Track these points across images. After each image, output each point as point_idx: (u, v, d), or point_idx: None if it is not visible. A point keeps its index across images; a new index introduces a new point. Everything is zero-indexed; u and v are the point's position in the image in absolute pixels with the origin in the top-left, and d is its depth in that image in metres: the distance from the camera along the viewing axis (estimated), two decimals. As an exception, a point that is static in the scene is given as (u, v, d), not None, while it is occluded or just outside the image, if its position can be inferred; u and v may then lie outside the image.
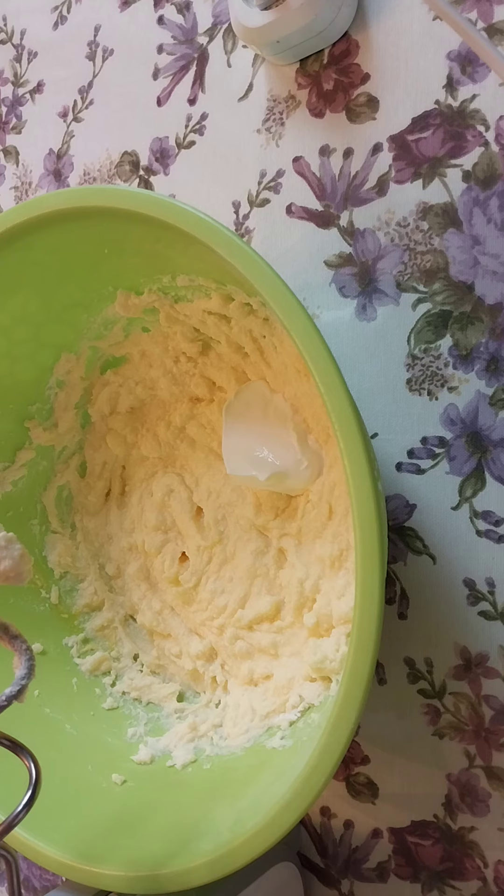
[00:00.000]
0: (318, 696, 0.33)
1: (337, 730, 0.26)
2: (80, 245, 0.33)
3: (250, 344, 0.36)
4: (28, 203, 0.32)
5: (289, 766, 0.29)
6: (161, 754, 0.37)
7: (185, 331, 0.38)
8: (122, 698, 0.41)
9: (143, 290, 0.37)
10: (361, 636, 0.25)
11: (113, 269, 0.35)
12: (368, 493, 0.25)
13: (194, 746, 0.37)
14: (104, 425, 0.43)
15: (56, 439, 0.43)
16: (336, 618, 0.33)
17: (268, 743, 0.34)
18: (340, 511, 0.35)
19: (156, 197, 0.29)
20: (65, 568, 0.43)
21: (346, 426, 0.25)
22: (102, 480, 0.44)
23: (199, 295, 0.36)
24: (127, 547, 0.43)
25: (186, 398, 0.41)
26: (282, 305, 0.26)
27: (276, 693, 0.36)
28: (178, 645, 0.41)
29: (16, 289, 0.36)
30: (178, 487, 0.41)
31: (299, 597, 0.36)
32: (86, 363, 0.41)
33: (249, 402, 0.37)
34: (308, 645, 0.35)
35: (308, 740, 0.31)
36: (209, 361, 0.39)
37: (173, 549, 0.41)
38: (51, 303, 0.37)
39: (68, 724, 0.39)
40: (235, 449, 0.37)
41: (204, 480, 0.40)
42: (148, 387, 0.42)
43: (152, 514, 0.42)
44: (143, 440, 0.43)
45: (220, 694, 0.39)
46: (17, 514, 0.42)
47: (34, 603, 0.42)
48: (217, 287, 0.34)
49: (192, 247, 0.28)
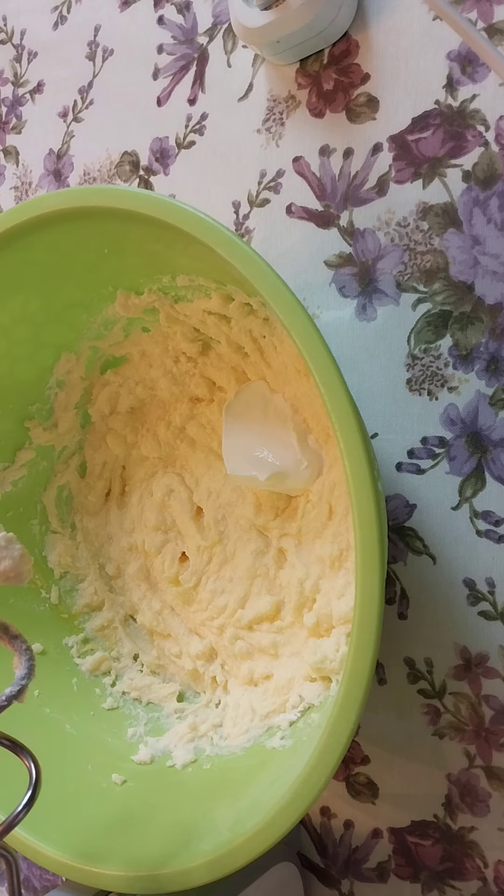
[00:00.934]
0: (318, 696, 0.33)
1: (337, 730, 0.26)
2: (80, 245, 0.33)
3: (250, 344, 0.36)
4: (28, 203, 0.32)
5: (289, 766, 0.29)
6: (161, 754, 0.37)
7: (185, 331, 0.38)
8: (122, 698, 0.41)
9: (143, 290, 0.37)
10: (361, 636, 0.25)
11: (113, 269, 0.35)
12: (368, 493, 0.25)
13: (194, 746, 0.37)
14: (104, 425, 0.43)
15: (56, 439, 0.43)
16: (336, 618, 0.33)
17: (268, 743, 0.34)
18: (340, 511, 0.35)
19: (156, 197, 0.29)
20: (65, 568, 0.43)
21: (346, 426, 0.25)
22: (102, 480, 0.44)
23: (199, 295, 0.36)
24: (127, 547, 0.43)
25: (186, 398, 0.41)
26: (282, 305, 0.26)
27: (276, 693, 0.36)
28: (178, 645, 0.41)
29: (16, 289, 0.36)
30: (178, 487, 0.41)
31: (299, 597, 0.36)
32: (86, 363, 0.41)
33: (249, 402, 0.37)
34: (308, 645, 0.35)
35: (308, 740, 0.31)
36: (209, 361, 0.39)
37: (173, 549, 0.41)
38: (51, 303, 0.37)
39: (68, 724, 0.39)
40: (235, 449, 0.37)
41: (204, 480, 0.40)
42: (148, 387, 0.42)
43: (152, 514, 0.42)
44: (143, 440, 0.43)
45: (221, 694, 0.39)
46: (17, 514, 0.42)
47: (34, 603, 0.42)
48: (217, 287, 0.34)
49: (192, 247, 0.28)
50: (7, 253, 0.34)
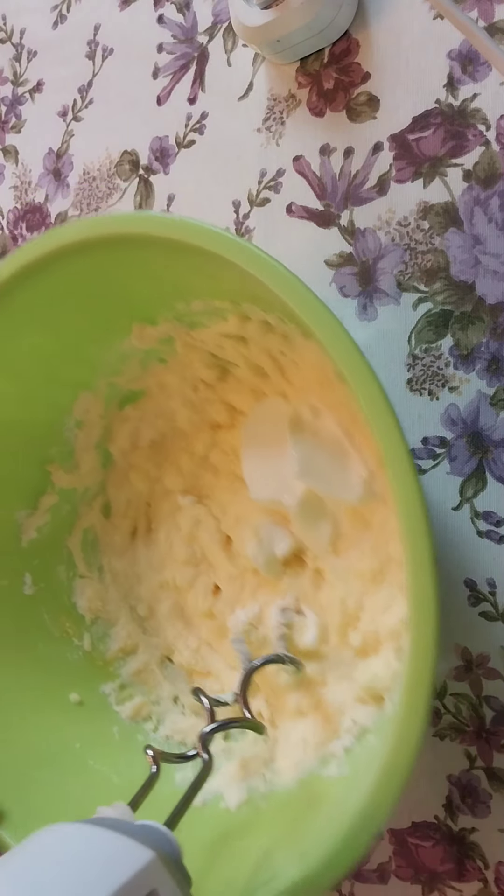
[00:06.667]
0: (372, 718, 0.32)
1: (398, 753, 0.24)
2: (91, 279, 0.32)
3: (269, 363, 0.35)
4: (32, 243, 0.31)
5: (349, 795, 0.28)
6: (212, 797, 0.35)
7: (202, 357, 0.37)
8: (167, 743, 0.39)
9: (157, 320, 0.36)
10: (418, 655, 0.24)
11: (126, 301, 0.34)
12: (417, 507, 0.24)
13: (247, 785, 0.35)
14: (126, 462, 0.42)
15: (78, 481, 0.41)
16: (384, 634, 0.32)
17: (323, 773, 0.32)
18: (377, 522, 0.33)
19: (168, 217, 0.28)
20: (95, 613, 0.42)
21: (396, 458, 0.24)
22: (128, 519, 0.43)
23: (215, 319, 0.34)
24: (157, 585, 0.42)
25: (207, 426, 0.40)
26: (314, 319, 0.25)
27: (327, 720, 0.34)
28: (218, 682, 0.39)
29: (30, 328, 0.35)
30: (206, 518, 0.39)
31: (342, 616, 0.34)
32: (104, 400, 0.40)
33: (265, 421, 0.36)
34: (356, 666, 0.34)
35: (367, 765, 0.29)
36: (228, 386, 0.38)
37: (205, 582, 0.40)
38: (65, 341, 0.36)
39: (115, 776, 0.37)
40: (258, 472, 0.36)
41: (231, 507, 0.39)
42: (168, 418, 0.41)
43: (181, 548, 0.40)
44: (166, 473, 0.41)
45: (268, 728, 0.37)
46: (43, 562, 0.41)
47: (67, 651, 0.41)
48: (233, 307, 0.33)
49: (209, 264, 0.27)
50: (17, 293, 0.33)
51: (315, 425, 0.35)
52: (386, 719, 0.31)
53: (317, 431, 0.35)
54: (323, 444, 0.34)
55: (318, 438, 0.35)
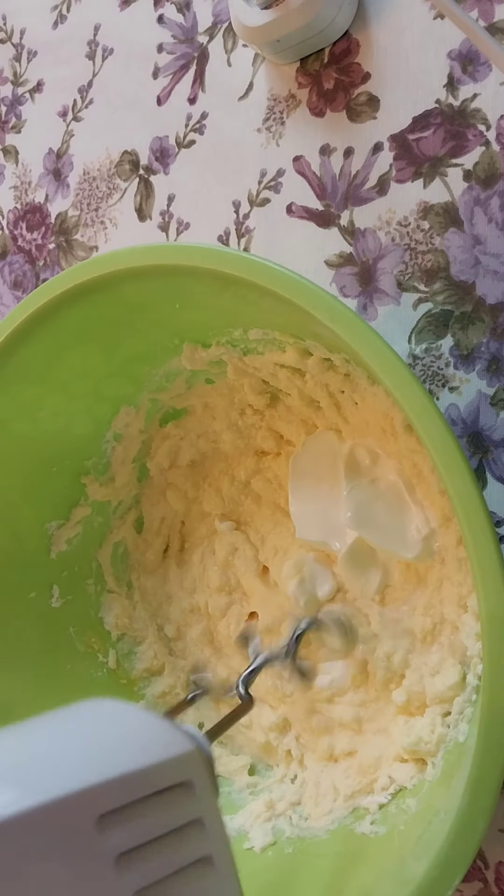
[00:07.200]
0: (411, 779, 0.31)
1: (461, 839, 0.24)
2: (149, 301, 0.32)
3: (326, 399, 0.34)
4: (97, 259, 0.31)
5: (390, 865, 0.27)
6: (237, 834, 0.34)
7: (252, 383, 0.36)
8: None
9: (210, 343, 0.35)
10: (490, 731, 0.24)
11: (182, 323, 0.34)
12: (497, 581, 0.23)
13: (272, 826, 0.34)
14: (163, 479, 0.41)
15: (112, 494, 0.41)
16: (430, 696, 0.31)
17: (356, 827, 0.31)
18: (432, 580, 0.33)
19: (239, 255, 0.28)
20: (122, 630, 0.41)
21: (477, 528, 0.24)
22: (161, 537, 0.42)
23: (271, 348, 0.34)
24: (188, 608, 0.41)
25: (252, 452, 0.39)
26: (397, 384, 0.25)
27: (361, 772, 0.33)
28: (247, 715, 0.38)
29: (78, 343, 0.34)
30: (243, 545, 0.39)
31: (386, 671, 0.33)
32: (145, 416, 0.39)
33: (317, 456, 0.35)
34: (398, 723, 0.33)
35: (406, 829, 0.29)
36: (277, 414, 0.37)
37: (239, 612, 0.39)
38: (112, 356, 0.36)
39: None
40: (306, 511, 0.35)
41: (270, 538, 0.38)
42: (210, 439, 0.40)
43: (216, 575, 0.39)
44: (205, 495, 0.40)
45: (296, 769, 0.36)
46: (71, 574, 0.41)
47: (91, 668, 0.40)
48: (294, 342, 0.32)
49: (278, 305, 0.27)
50: (73, 309, 0.32)
51: (373, 471, 0.34)
52: (427, 784, 0.30)
53: (375, 478, 0.34)
54: (380, 493, 0.33)
55: (376, 487, 0.34)
